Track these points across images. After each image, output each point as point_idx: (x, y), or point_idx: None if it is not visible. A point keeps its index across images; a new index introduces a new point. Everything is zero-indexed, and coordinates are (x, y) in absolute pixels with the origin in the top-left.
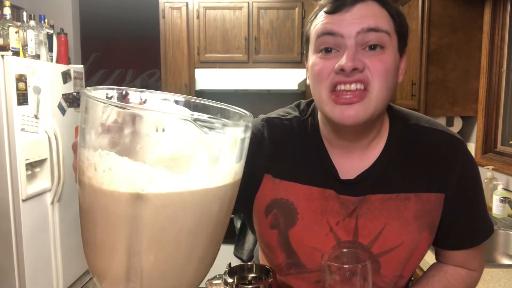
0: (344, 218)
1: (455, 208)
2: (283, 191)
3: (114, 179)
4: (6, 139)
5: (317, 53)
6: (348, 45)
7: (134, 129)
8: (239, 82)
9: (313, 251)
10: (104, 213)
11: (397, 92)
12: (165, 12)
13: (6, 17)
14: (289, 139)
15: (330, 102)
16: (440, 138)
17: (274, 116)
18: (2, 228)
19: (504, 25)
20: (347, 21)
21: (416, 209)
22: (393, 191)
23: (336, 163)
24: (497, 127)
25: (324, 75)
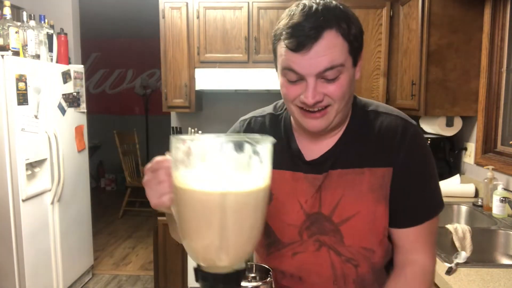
0: (312, 194)
1: (404, 182)
2: None
3: (205, 184)
4: (6, 139)
5: (284, 77)
6: (308, 82)
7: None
8: (239, 82)
9: (287, 226)
10: (201, 208)
11: (397, 92)
12: (165, 12)
13: (6, 17)
14: (262, 132)
15: (298, 113)
16: (393, 121)
17: (250, 116)
18: (2, 228)
19: (504, 25)
20: (306, 62)
21: (370, 182)
22: (350, 167)
23: (303, 148)
24: (497, 127)
25: (291, 98)
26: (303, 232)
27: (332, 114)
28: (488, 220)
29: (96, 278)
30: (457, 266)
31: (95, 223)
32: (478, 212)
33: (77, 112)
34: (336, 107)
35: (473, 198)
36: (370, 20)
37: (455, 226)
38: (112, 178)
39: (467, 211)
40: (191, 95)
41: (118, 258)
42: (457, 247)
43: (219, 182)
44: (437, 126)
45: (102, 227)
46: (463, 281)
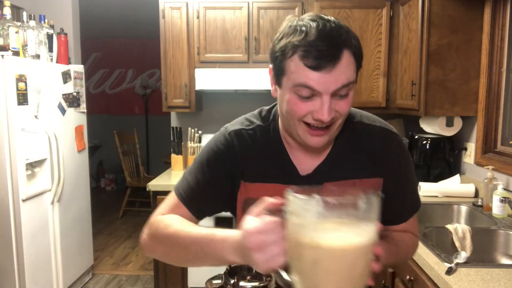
0: None
1: (392, 190)
2: (253, 192)
3: (341, 239)
4: (6, 139)
5: (295, 94)
6: (324, 100)
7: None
8: (239, 82)
9: None
10: (338, 262)
11: (397, 92)
12: (165, 12)
13: (6, 17)
14: (254, 146)
15: (304, 130)
16: (378, 133)
17: (240, 128)
18: (2, 228)
19: (504, 25)
20: (326, 81)
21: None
22: (342, 178)
23: (296, 161)
24: (497, 127)
25: (301, 114)
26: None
27: (334, 129)
28: (488, 220)
29: (96, 278)
30: (457, 266)
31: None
32: (478, 212)
33: (77, 112)
34: (340, 122)
35: (473, 198)
36: (370, 20)
37: (455, 226)
38: (112, 178)
39: (467, 211)
40: (191, 95)
41: (118, 258)
42: (457, 247)
43: (352, 237)
44: (437, 126)
45: (102, 227)
46: (463, 281)
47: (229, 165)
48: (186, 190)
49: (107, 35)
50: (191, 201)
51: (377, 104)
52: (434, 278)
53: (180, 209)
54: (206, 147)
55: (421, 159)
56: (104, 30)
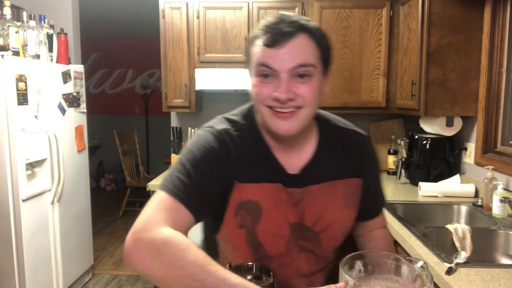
0: (292, 205)
1: (368, 189)
2: (247, 193)
3: None
4: (6, 139)
5: (257, 77)
6: (281, 78)
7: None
8: (239, 82)
9: (275, 238)
10: None
11: (397, 92)
12: (165, 12)
13: (6, 17)
14: (245, 147)
15: (269, 115)
16: (353, 135)
17: (226, 127)
18: (2, 228)
19: (504, 25)
20: (281, 57)
21: (343, 192)
22: (326, 180)
23: (282, 160)
24: (497, 127)
25: (263, 97)
26: (290, 243)
27: (303, 117)
28: (488, 220)
29: (96, 278)
30: (457, 266)
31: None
32: (478, 212)
33: (77, 112)
34: (307, 110)
35: (473, 198)
36: (370, 20)
37: (455, 226)
38: (112, 178)
39: (467, 211)
40: (191, 95)
41: (118, 258)
42: (457, 247)
43: None
44: (437, 126)
45: (102, 227)
46: (463, 281)
47: (223, 163)
48: (183, 189)
49: (107, 35)
50: (190, 200)
51: (377, 104)
52: (434, 278)
53: (177, 211)
54: (196, 145)
55: (421, 159)
56: (104, 30)
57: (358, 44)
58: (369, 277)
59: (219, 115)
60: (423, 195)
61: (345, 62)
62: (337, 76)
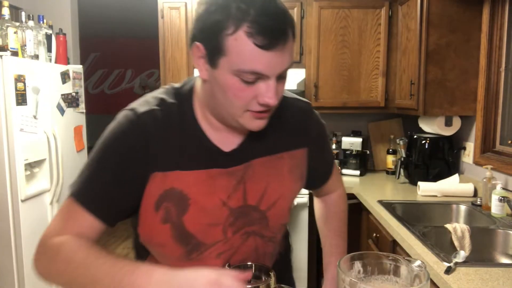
0: (234, 188)
1: (316, 157)
2: (172, 181)
3: None
4: (5, 140)
5: (237, 78)
6: (271, 83)
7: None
8: None
9: (209, 227)
10: None
11: (396, 92)
12: (164, 12)
13: (5, 17)
14: (169, 129)
15: (246, 116)
16: (296, 104)
17: (151, 108)
18: (1, 228)
19: (503, 25)
20: (274, 62)
21: (289, 165)
22: (270, 153)
23: (216, 141)
24: (496, 127)
25: (245, 101)
26: (227, 230)
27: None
28: (487, 220)
29: None
30: (456, 265)
31: None
32: (477, 212)
33: (76, 112)
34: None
35: (472, 197)
36: (369, 20)
37: (454, 225)
38: None
39: (466, 210)
40: None
41: None
42: (456, 246)
43: None
44: (436, 125)
45: None
46: (462, 280)
47: (138, 153)
48: (86, 190)
49: (106, 35)
50: (94, 203)
51: (376, 104)
52: (433, 277)
53: (80, 217)
54: (108, 134)
55: (420, 158)
56: (103, 30)
57: (357, 44)
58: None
59: (150, 94)
60: (422, 195)
61: (344, 62)
62: (336, 76)
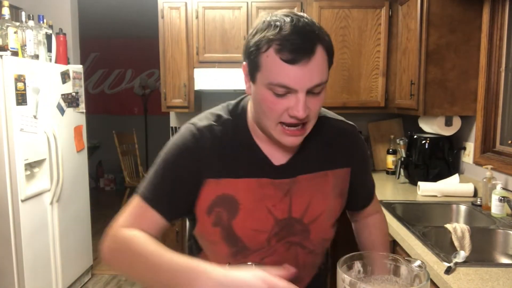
0: (280, 199)
1: (359, 177)
2: (224, 188)
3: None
4: (5, 140)
5: (270, 91)
6: (300, 97)
7: None
8: (238, 82)
9: (255, 233)
10: None
11: (396, 92)
12: (164, 12)
13: (5, 17)
14: (225, 142)
15: (278, 130)
16: (341, 125)
17: (209, 123)
18: (1, 228)
19: (503, 25)
20: (300, 77)
21: (333, 182)
22: (315, 170)
23: (268, 154)
24: (496, 127)
25: (277, 113)
26: (272, 239)
27: (308, 130)
28: (487, 220)
29: (95, 278)
30: (456, 265)
31: (94, 223)
32: (477, 212)
33: (76, 112)
34: (312, 122)
35: (472, 197)
36: (369, 20)
37: (454, 225)
38: (111, 178)
39: (466, 210)
40: (190, 95)
41: None
42: (456, 246)
43: None
44: (436, 125)
45: (101, 227)
46: (462, 280)
47: (196, 162)
48: (152, 191)
49: (106, 35)
50: (158, 201)
51: (376, 104)
52: (433, 277)
53: (147, 213)
54: (171, 144)
55: (420, 158)
56: (103, 30)
57: (357, 44)
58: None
59: (208, 110)
60: (422, 195)
61: (344, 62)
62: (336, 76)
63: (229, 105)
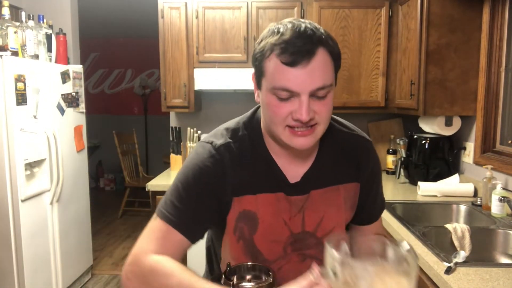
0: (295, 214)
1: (367, 193)
2: (245, 204)
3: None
4: (5, 139)
5: (274, 96)
6: (302, 100)
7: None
8: (238, 82)
9: (272, 244)
10: None
11: (396, 92)
12: (164, 12)
13: (5, 17)
14: (244, 159)
15: (286, 133)
16: (356, 139)
17: (227, 142)
18: (1, 228)
19: (503, 25)
20: (302, 79)
21: (344, 197)
22: (328, 185)
23: (283, 169)
24: (496, 127)
25: (282, 117)
26: (287, 247)
27: (319, 133)
28: (487, 220)
29: (95, 278)
30: (456, 265)
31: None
32: (477, 212)
33: (76, 112)
34: (323, 127)
35: (472, 197)
36: (369, 20)
37: (454, 225)
38: (111, 178)
39: (466, 210)
40: (190, 95)
41: (117, 258)
42: (456, 246)
43: None
44: (436, 125)
45: (101, 227)
46: (462, 280)
47: (218, 182)
48: (174, 213)
49: (106, 35)
50: (182, 223)
51: (376, 104)
52: (433, 277)
53: (172, 236)
54: (191, 165)
55: (420, 158)
56: (103, 30)
57: (357, 43)
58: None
59: (222, 126)
60: (422, 195)
61: (344, 62)
62: None
63: (244, 118)
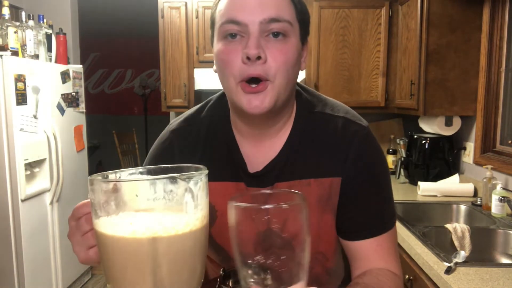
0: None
1: (352, 193)
2: None
3: (135, 230)
4: (5, 139)
5: (222, 40)
6: (251, 32)
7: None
8: None
9: None
10: (130, 256)
11: (396, 92)
12: (164, 11)
13: (5, 17)
14: (198, 143)
15: (239, 90)
16: (339, 124)
17: (179, 127)
18: (1, 228)
19: (503, 25)
20: (250, 8)
21: (318, 194)
22: (295, 178)
23: (246, 155)
24: (496, 127)
25: (231, 63)
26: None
27: (273, 91)
28: (487, 220)
29: (95, 278)
30: (456, 265)
31: None
32: (477, 212)
33: (76, 112)
34: (277, 82)
35: (472, 197)
36: (369, 20)
37: (454, 225)
38: None
39: (466, 210)
40: (190, 95)
41: None
42: (456, 246)
43: (148, 226)
44: (436, 125)
45: None
46: (462, 280)
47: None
48: None
49: (106, 34)
50: None
51: (376, 104)
52: (433, 277)
53: None
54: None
55: (420, 158)
56: (103, 30)
57: (357, 43)
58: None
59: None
60: (422, 195)
61: (344, 61)
62: (336, 76)
63: (211, 100)
